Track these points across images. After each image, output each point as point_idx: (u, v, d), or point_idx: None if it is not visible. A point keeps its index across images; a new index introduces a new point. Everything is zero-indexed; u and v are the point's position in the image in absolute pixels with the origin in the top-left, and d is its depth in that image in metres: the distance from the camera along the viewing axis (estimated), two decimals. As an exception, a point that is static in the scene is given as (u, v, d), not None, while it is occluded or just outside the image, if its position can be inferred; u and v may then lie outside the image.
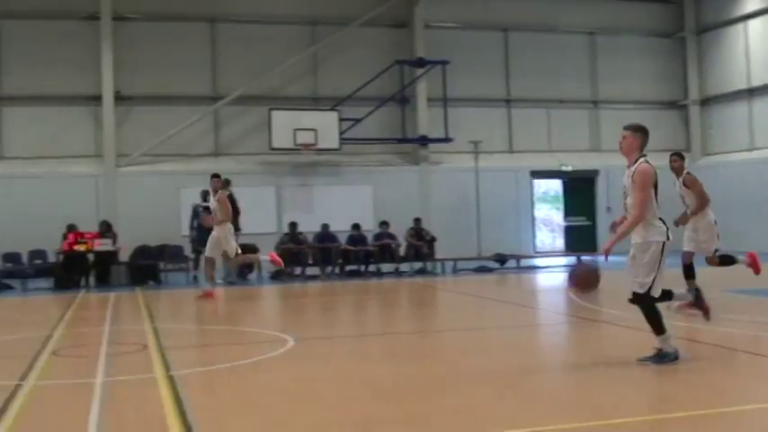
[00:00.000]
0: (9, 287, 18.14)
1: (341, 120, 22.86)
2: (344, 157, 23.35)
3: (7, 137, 22.16)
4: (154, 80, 22.55)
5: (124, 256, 19.30)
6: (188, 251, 19.78)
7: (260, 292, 17.71)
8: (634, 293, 7.44)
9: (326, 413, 6.25)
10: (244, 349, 9.75)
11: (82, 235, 18.54)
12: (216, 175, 15.27)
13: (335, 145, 22.80)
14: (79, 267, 18.41)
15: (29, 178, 21.39)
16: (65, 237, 18.60)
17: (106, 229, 19.32)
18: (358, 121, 23.10)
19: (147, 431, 5.90)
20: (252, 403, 6.60)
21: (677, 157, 11.35)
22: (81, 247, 18.30)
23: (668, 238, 7.40)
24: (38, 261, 19.37)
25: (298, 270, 19.93)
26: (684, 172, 11.24)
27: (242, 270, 19.11)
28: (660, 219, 7.45)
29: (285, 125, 22.22)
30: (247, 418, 6.13)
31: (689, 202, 11.16)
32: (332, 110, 23.01)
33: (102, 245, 18.53)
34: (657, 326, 7.43)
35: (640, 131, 7.55)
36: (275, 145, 22.34)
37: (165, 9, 22.94)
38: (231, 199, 18.54)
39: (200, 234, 19.02)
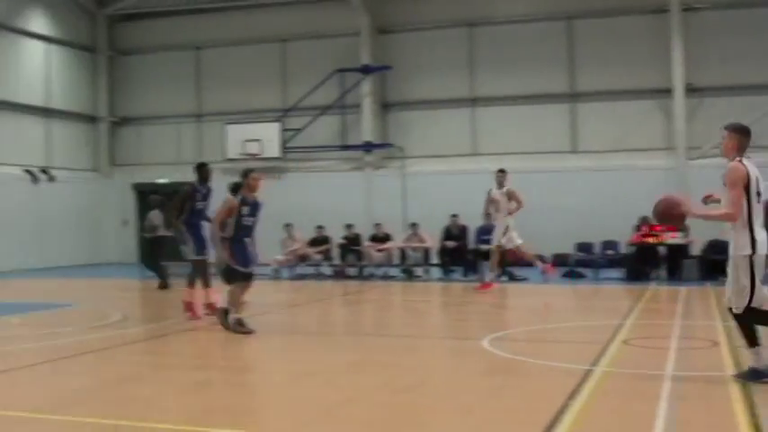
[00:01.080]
0: (581, 275, 19.07)
1: None
2: None
3: (582, 131, 23.33)
4: (725, 70, 21.77)
5: (696, 249, 18.99)
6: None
7: None
8: (731, 311, 7.09)
9: None
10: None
11: (654, 228, 18.68)
12: (501, 170, 16.47)
13: None
14: (650, 260, 18.58)
15: (602, 171, 22.23)
16: (637, 228, 18.93)
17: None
18: None
19: (715, 430, 5.73)
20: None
21: None
22: (652, 240, 18.46)
23: (754, 251, 6.90)
24: (609, 251, 20.03)
25: None
26: None
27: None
28: (751, 227, 6.93)
29: None
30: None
31: None
32: None
33: (674, 238, 18.44)
34: (750, 338, 7.01)
35: (736, 132, 7.21)
36: None
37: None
38: None
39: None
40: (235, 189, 10.69)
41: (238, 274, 10.38)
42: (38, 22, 25.51)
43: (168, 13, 27.20)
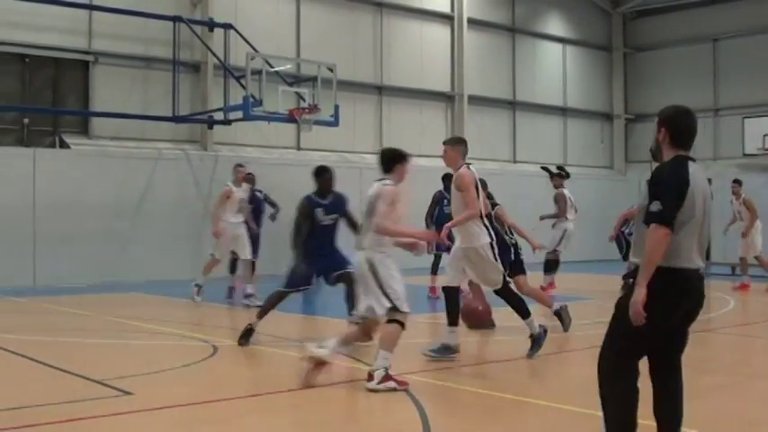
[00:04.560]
0: None
1: None
2: None
3: None
4: None
5: None
6: None
7: None
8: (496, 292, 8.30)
9: None
10: None
11: None
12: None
13: None
14: None
15: None
16: None
17: None
18: None
19: None
20: None
21: None
22: None
23: (491, 238, 8.10)
24: None
25: None
26: None
27: None
28: (484, 221, 8.13)
29: None
30: None
31: None
32: None
33: None
34: (521, 311, 8.30)
35: (458, 144, 8.39)
36: None
37: None
38: None
39: None
40: None
41: None
42: (555, 24, 26.52)
43: (683, 5, 26.51)
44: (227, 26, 18.46)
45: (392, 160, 7.32)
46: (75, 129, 17.78)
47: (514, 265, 9.97)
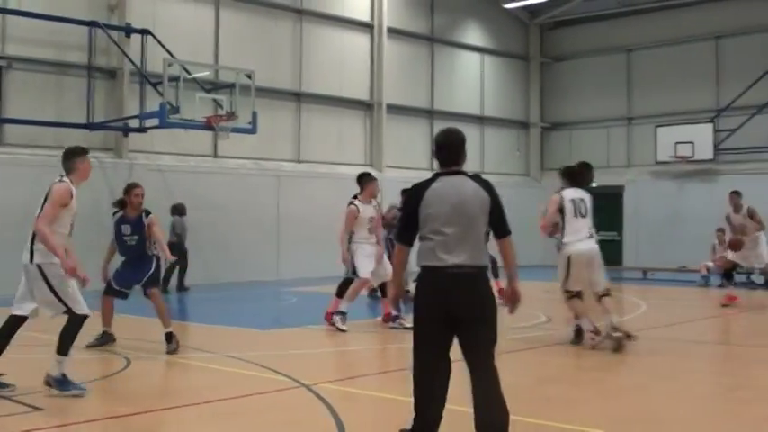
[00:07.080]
0: None
1: None
2: None
3: None
4: None
5: None
6: None
7: None
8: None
9: None
10: None
11: None
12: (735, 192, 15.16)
13: None
14: None
15: None
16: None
17: None
18: None
19: None
20: None
21: None
22: None
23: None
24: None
25: None
26: None
27: None
28: None
29: None
30: None
31: None
32: None
33: None
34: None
35: None
36: None
37: None
38: None
39: None
40: None
41: None
42: (473, 34, 26.93)
43: (599, 17, 27.16)
44: (144, 32, 18.28)
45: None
46: (-14, 136, 17.37)
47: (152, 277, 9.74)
